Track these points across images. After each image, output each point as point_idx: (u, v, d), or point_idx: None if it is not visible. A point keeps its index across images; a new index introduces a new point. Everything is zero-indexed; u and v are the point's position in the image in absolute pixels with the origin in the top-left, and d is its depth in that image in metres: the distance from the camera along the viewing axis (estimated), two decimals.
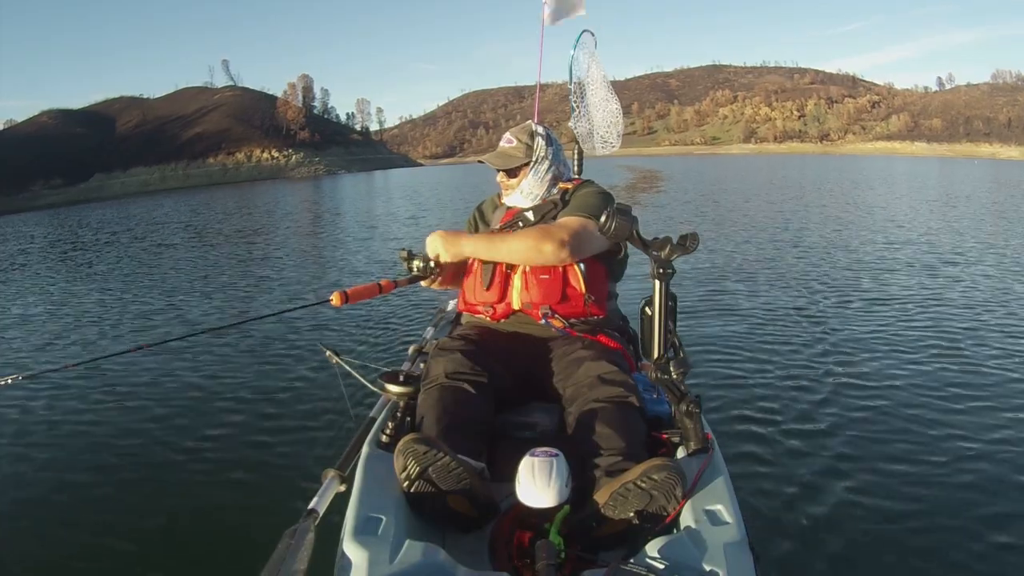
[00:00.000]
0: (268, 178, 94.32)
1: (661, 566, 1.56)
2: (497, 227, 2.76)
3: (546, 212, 2.67)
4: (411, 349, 3.17)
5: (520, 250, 2.44)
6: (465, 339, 2.42)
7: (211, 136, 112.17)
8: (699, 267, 9.85)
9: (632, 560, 1.59)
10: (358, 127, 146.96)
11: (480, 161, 2.91)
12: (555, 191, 2.76)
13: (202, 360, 6.29)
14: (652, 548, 1.61)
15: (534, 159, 2.74)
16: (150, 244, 18.87)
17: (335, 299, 2.39)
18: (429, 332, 3.67)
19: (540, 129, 2.82)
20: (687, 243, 1.92)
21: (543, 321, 2.47)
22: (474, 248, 2.56)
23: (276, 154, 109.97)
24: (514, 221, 2.71)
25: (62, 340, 7.79)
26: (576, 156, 3.54)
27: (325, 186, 58.40)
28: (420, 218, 22.35)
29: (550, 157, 2.77)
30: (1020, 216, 17.13)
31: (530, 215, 2.70)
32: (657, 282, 1.96)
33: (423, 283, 2.70)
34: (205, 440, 4.57)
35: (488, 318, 2.59)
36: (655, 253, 1.93)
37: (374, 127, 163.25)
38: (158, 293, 10.56)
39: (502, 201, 2.92)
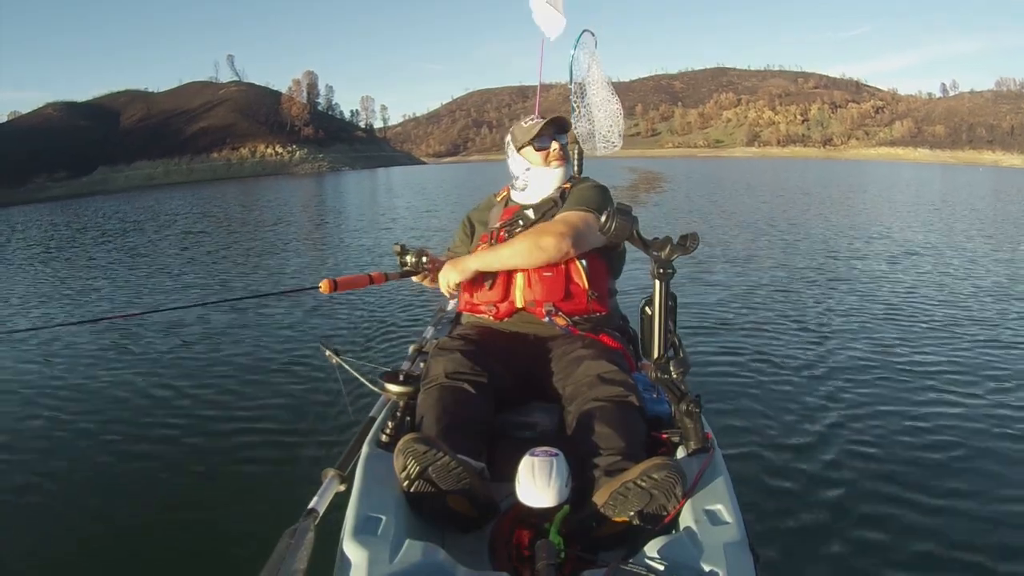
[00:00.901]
0: (272, 174, 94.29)
1: (661, 566, 1.56)
2: (496, 225, 2.76)
3: (546, 210, 2.68)
4: (411, 349, 3.16)
5: (521, 251, 2.44)
6: (465, 339, 2.43)
7: (215, 131, 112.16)
8: (699, 266, 9.86)
9: (632, 560, 1.59)
10: (362, 124, 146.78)
11: (552, 122, 2.83)
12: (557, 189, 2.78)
13: (202, 359, 6.30)
14: (652, 548, 1.61)
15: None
16: (179, 231, 19.56)
17: (324, 286, 2.36)
18: (429, 332, 3.67)
19: None
20: (687, 243, 1.92)
21: (547, 319, 2.47)
22: (479, 262, 2.55)
23: (280, 150, 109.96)
24: (514, 220, 2.73)
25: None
26: (577, 156, 3.56)
27: (331, 182, 58.37)
28: (436, 212, 22.50)
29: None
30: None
31: (531, 213, 2.71)
32: (657, 282, 1.95)
33: (415, 279, 2.67)
34: (204, 439, 4.56)
35: (491, 317, 2.59)
36: (655, 253, 1.93)
37: (378, 124, 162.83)
38: (192, 277, 11.03)
39: (499, 199, 2.96)
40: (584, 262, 2.49)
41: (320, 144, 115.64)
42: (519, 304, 2.53)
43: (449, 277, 2.59)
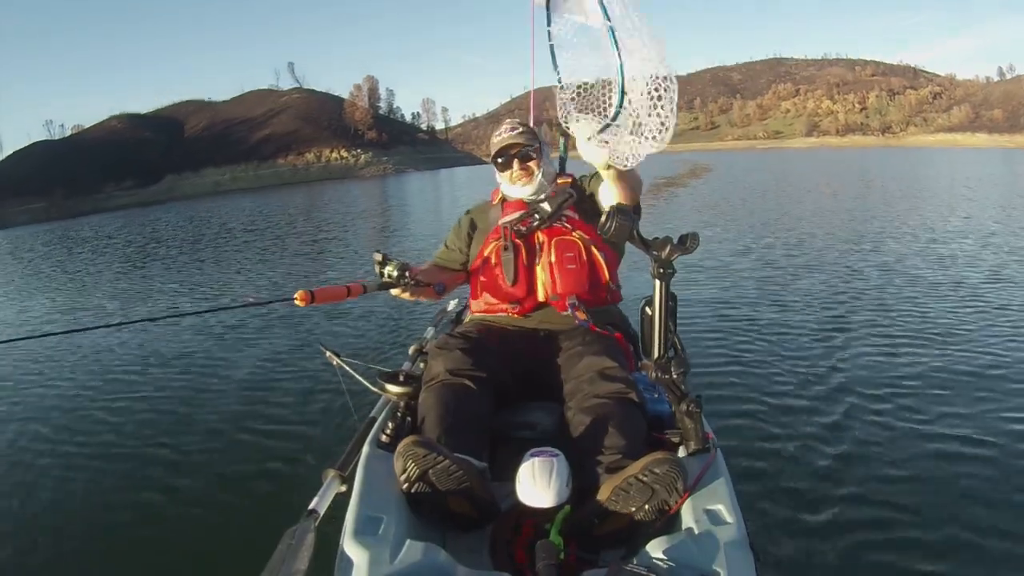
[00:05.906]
0: (338, 178, 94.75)
1: (662, 566, 1.56)
2: (508, 220, 2.69)
3: (562, 201, 2.55)
4: (411, 349, 3.19)
5: (635, 183, 2.30)
6: (464, 337, 2.44)
7: (280, 137, 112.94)
8: (700, 266, 9.69)
9: (633, 560, 1.59)
10: (424, 126, 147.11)
11: (505, 148, 2.82)
12: (554, 185, 2.78)
13: (202, 362, 6.37)
14: (653, 548, 1.62)
15: (542, 146, 2.83)
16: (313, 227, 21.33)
17: (299, 298, 2.12)
18: (429, 332, 3.71)
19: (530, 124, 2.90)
20: (687, 243, 1.91)
21: (568, 311, 2.46)
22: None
23: (345, 154, 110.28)
24: (529, 213, 2.63)
25: None
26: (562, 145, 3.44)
27: (399, 184, 58.25)
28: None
29: (545, 150, 2.85)
30: None
31: (546, 206, 2.58)
32: (658, 282, 1.95)
33: (392, 292, 2.51)
34: (205, 440, 4.60)
35: (514, 315, 2.58)
36: (655, 253, 1.93)
37: (439, 126, 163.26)
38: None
39: (496, 202, 2.95)
40: (604, 253, 2.51)
41: (384, 147, 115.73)
42: (541, 298, 2.54)
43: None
